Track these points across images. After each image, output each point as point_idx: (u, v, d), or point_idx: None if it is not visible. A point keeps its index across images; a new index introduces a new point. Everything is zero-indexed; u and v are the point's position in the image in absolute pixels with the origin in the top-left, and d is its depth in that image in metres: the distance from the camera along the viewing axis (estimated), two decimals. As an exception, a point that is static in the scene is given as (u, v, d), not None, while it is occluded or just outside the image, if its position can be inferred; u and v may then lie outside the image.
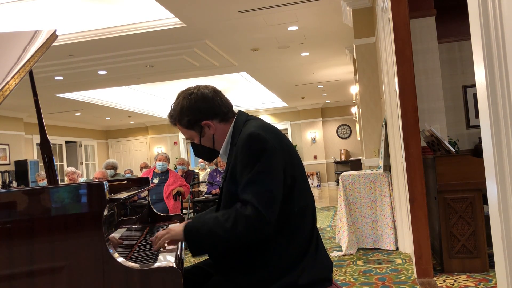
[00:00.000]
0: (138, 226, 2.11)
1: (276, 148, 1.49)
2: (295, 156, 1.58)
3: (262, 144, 1.47)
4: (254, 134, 1.49)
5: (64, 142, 13.73)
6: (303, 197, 1.56)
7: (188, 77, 8.79)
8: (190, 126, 1.63)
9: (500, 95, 1.26)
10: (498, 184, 1.30)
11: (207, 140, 1.66)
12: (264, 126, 1.56)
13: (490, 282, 3.05)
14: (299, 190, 1.54)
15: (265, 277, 1.47)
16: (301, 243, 1.52)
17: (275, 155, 1.48)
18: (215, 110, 1.62)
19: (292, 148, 1.59)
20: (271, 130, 1.56)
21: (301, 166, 1.61)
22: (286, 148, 1.55)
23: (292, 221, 1.52)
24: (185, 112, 1.60)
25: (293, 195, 1.52)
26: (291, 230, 1.51)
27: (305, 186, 1.58)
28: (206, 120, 1.61)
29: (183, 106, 1.61)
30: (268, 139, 1.49)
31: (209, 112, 1.61)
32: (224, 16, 5.54)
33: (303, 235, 1.53)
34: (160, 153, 5.77)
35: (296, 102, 13.94)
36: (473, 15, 1.37)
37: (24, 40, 2.07)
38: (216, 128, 1.63)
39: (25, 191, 1.36)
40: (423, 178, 3.28)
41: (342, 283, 3.32)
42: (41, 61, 6.52)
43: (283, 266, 1.48)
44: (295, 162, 1.56)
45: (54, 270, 1.30)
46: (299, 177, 1.56)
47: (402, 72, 3.31)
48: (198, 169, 9.85)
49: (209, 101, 1.61)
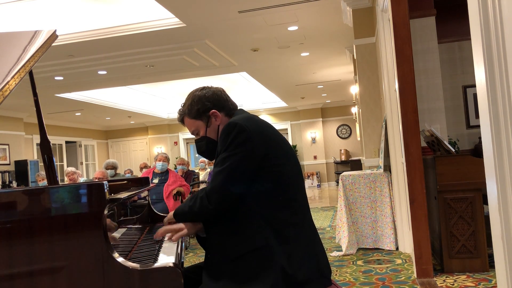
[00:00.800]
0: (138, 226, 2.11)
1: (252, 140, 1.52)
2: (283, 151, 1.60)
3: (236, 134, 1.53)
4: (232, 123, 1.56)
5: (64, 142, 13.73)
6: (293, 191, 1.58)
7: (188, 77, 8.79)
8: (199, 116, 1.73)
9: (500, 95, 1.26)
10: (498, 184, 1.30)
11: (212, 131, 1.74)
12: (249, 118, 1.61)
13: (490, 282, 3.05)
14: (287, 185, 1.56)
15: (256, 263, 1.47)
16: (290, 236, 1.51)
17: (249, 146, 1.52)
18: (223, 103, 1.74)
19: (282, 143, 1.62)
20: (255, 122, 1.59)
21: (293, 162, 1.62)
22: (271, 142, 1.57)
23: (278, 213, 1.52)
24: (195, 102, 1.72)
25: (280, 189, 1.54)
26: (278, 222, 1.51)
27: (295, 182, 1.59)
28: (214, 110, 1.72)
29: (194, 98, 1.74)
30: (245, 129, 1.53)
31: (217, 104, 1.73)
32: (224, 16, 5.54)
33: (291, 228, 1.53)
34: (160, 153, 5.77)
35: (296, 102, 13.94)
36: (473, 15, 1.37)
37: (24, 40, 2.07)
38: (222, 120, 1.73)
39: (25, 191, 1.36)
40: (423, 178, 3.28)
41: (342, 283, 3.32)
42: (41, 61, 6.53)
43: (272, 257, 1.47)
44: (282, 158, 1.58)
45: (54, 270, 1.30)
46: (288, 173, 1.57)
47: (402, 72, 3.31)
48: (198, 169, 9.86)
49: (218, 95, 1.75)
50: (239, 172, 1.51)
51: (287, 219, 1.54)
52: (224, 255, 1.52)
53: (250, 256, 1.48)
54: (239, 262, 1.49)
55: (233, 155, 1.51)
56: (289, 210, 1.55)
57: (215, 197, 1.53)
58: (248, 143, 1.52)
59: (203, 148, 1.76)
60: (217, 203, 1.53)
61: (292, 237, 1.51)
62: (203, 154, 1.79)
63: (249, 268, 1.47)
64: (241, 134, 1.52)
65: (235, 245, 1.52)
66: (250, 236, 1.50)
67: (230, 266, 1.50)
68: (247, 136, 1.52)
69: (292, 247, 1.50)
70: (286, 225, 1.52)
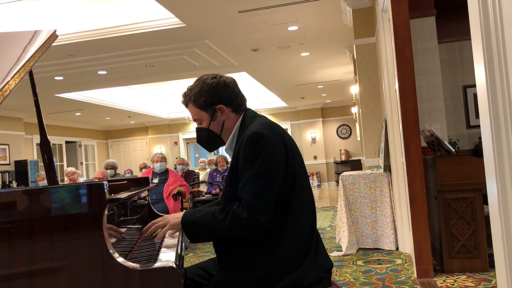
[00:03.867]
0: (138, 226, 2.11)
1: (278, 148, 1.51)
2: (297, 155, 1.59)
3: (263, 144, 1.49)
4: (257, 133, 1.51)
5: (64, 142, 13.73)
6: (304, 196, 1.57)
7: (188, 77, 8.79)
8: (204, 107, 1.66)
9: (500, 95, 1.26)
10: (498, 184, 1.30)
11: (216, 125, 1.68)
12: (269, 125, 1.58)
13: (490, 282, 3.05)
14: (300, 189, 1.55)
15: (267, 277, 1.47)
16: (301, 242, 1.52)
17: (276, 154, 1.50)
18: (232, 98, 1.66)
19: (295, 147, 1.61)
20: (275, 129, 1.57)
21: (303, 165, 1.62)
22: (289, 147, 1.56)
23: (293, 220, 1.52)
24: (204, 92, 1.64)
25: (294, 194, 1.53)
26: (292, 229, 1.51)
27: (306, 185, 1.59)
28: (221, 105, 1.65)
29: (203, 87, 1.65)
30: (271, 138, 1.51)
31: (226, 98, 1.65)
32: (224, 16, 5.54)
33: (303, 235, 1.53)
34: (156, 154, 5.74)
35: (296, 102, 13.94)
36: (473, 15, 1.37)
37: (24, 40, 2.07)
38: (228, 116, 1.67)
39: (25, 191, 1.36)
40: (423, 178, 3.27)
41: (342, 283, 3.31)
42: (41, 61, 6.53)
43: (284, 265, 1.48)
44: (297, 162, 1.57)
45: (54, 270, 1.29)
46: (301, 176, 1.56)
47: (402, 72, 3.31)
48: (198, 169, 9.86)
49: (229, 88, 1.66)
50: (273, 180, 1.49)
51: (299, 225, 1.54)
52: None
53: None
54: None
55: (263, 165, 1.48)
56: (300, 217, 1.55)
57: (260, 205, 1.47)
58: (276, 154, 1.50)
59: (203, 138, 1.71)
60: (265, 212, 1.47)
61: (301, 242, 1.53)
62: (202, 144, 1.74)
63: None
64: (267, 144, 1.49)
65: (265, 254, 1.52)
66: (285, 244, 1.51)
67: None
68: (273, 145, 1.50)
69: (301, 252, 1.52)
70: (297, 231, 1.53)
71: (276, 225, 1.50)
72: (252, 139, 1.50)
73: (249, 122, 1.63)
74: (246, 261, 1.51)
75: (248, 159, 1.50)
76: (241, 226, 1.46)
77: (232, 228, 1.47)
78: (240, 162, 1.53)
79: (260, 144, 1.49)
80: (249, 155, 1.50)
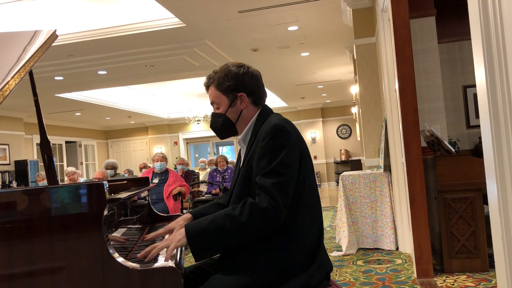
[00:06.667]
0: (138, 226, 2.11)
1: (296, 144, 1.52)
2: (308, 155, 1.60)
3: (286, 137, 1.50)
4: (279, 126, 1.51)
5: (64, 142, 13.73)
6: (312, 195, 1.57)
7: (188, 77, 8.79)
8: (226, 92, 1.65)
9: (500, 95, 1.26)
10: (498, 184, 1.30)
11: (233, 112, 1.67)
12: (288, 122, 1.59)
13: (490, 282, 3.05)
14: (308, 188, 1.55)
15: (274, 277, 1.46)
16: (310, 242, 1.52)
17: (294, 150, 1.51)
18: (255, 89, 1.66)
19: (306, 147, 1.61)
20: (293, 126, 1.59)
21: (312, 165, 1.62)
22: (302, 146, 1.57)
23: (300, 220, 1.51)
24: (229, 78, 1.63)
25: (303, 193, 1.53)
26: (299, 229, 1.51)
27: (313, 185, 1.59)
28: (243, 93, 1.64)
29: (230, 72, 1.64)
30: (292, 134, 1.52)
31: (249, 88, 1.65)
32: (224, 16, 5.54)
33: (310, 235, 1.52)
34: (157, 153, 5.74)
35: (296, 102, 13.94)
36: (473, 15, 1.37)
37: (24, 40, 2.07)
38: (247, 106, 1.66)
39: (25, 191, 1.36)
40: (423, 178, 3.27)
41: (342, 283, 3.31)
42: (41, 61, 6.53)
43: (292, 267, 1.47)
44: (308, 161, 1.58)
45: (54, 270, 1.29)
46: (310, 177, 1.57)
47: (402, 72, 3.31)
48: (198, 169, 9.87)
49: (254, 79, 1.67)
50: (292, 175, 1.49)
51: (306, 224, 1.54)
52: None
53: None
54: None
55: (286, 157, 1.48)
56: (308, 216, 1.55)
57: (282, 192, 1.44)
58: (295, 150, 1.51)
59: (218, 124, 1.69)
60: (285, 204, 1.46)
61: (308, 242, 1.53)
62: (215, 130, 1.71)
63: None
64: (289, 138, 1.51)
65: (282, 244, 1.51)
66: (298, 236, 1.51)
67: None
68: (293, 140, 1.52)
69: (309, 253, 1.52)
70: (304, 231, 1.52)
71: (285, 224, 1.48)
72: (275, 131, 1.50)
73: (265, 118, 1.63)
74: (253, 260, 1.49)
75: (269, 150, 1.49)
76: (261, 219, 1.40)
77: (250, 223, 1.40)
78: (258, 151, 1.51)
79: (282, 136, 1.50)
80: (271, 147, 1.49)
